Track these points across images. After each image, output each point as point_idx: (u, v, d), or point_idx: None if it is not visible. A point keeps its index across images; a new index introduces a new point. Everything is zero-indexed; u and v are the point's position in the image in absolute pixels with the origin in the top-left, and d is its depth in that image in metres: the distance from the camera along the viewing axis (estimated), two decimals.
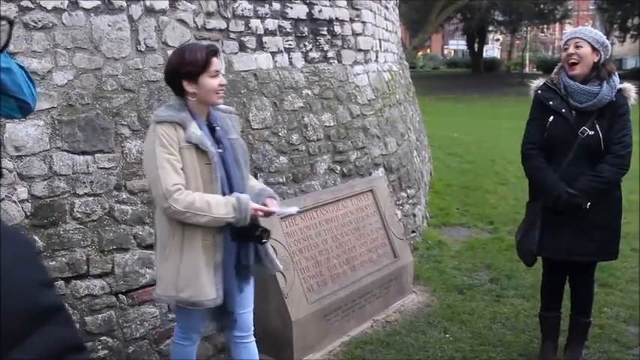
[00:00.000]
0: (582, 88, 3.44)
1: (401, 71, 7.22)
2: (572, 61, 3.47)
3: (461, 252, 5.84)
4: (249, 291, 2.97)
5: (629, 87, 3.51)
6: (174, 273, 2.71)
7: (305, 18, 4.95)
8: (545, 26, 42.33)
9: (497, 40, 53.10)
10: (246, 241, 2.80)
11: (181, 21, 3.97)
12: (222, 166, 2.71)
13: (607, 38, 3.62)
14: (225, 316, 2.88)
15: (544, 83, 3.62)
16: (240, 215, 2.63)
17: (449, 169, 9.08)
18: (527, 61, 46.64)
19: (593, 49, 3.45)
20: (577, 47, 3.46)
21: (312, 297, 3.95)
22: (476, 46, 41.56)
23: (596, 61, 3.47)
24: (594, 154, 3.45)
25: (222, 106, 2.90)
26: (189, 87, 2.67)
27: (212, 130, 2.76)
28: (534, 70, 43.47)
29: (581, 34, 3.49)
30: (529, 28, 44.52)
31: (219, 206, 2.61)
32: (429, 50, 54.94)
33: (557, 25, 41.55)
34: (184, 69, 2.65)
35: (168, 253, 2.73)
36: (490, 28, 42.52)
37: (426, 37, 29.76)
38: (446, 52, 59.25)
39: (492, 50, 51.07)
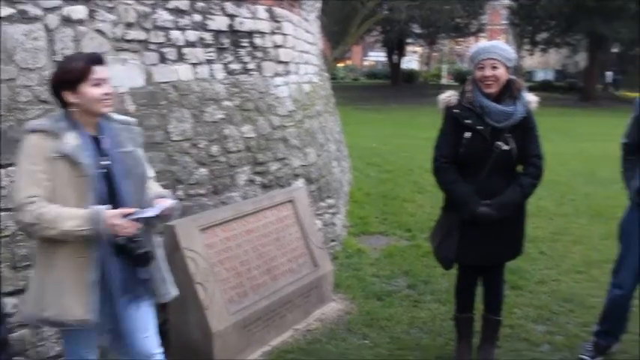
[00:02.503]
0: (499, 109, 3.57)
1: (321, 83, 7.33)
2: (489, 82, 3.59)
3: (380, 259, 5.99)
4: (147, 314, 2.81)
5: (532, 99, 3.70)
6: (39, 290, 2.57)
7: (226, 30, 4.99)
8: (462, 39, 43.71)
9: (416, 52, 54.41)
10: (130, 261, 2.64)
11: (99, 31, 3.94)
12: (103, 180, 2.58)
13: (518, 52, 3.79)
14: (117, 340, 2.74)
15: (459, 103, 3.71)
16: (95, 227, 2.46)
17: (368, 178, 9.27)
18: (444, 73, 48.07)
19: (507, 67, 3.62)
20: (493, 68, 3.57)
21: (233, 308, 3.97)
22: (395, 57, 42.51)
23: (508, 79, 3.64)
24: (508, 167, 3.64)
25: (120, 117, 2.81)
26: (69, 97, 2.57)
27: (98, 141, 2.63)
28: (451, 81, 44.82)
29: (497, 55, 3.58)
30: (446, 40, 45.91)
31: (70, 219, 2.46)
32: (349, 61, 55.68)
33: (473, 38, 43.04)
34: (63, 78, 2.57)
35: (35, 270, 2.62)
36: (409, 41, 43.56)
37: (346, 49, 30.22)
38: (366, 63, 60.22)
39: (411, 62, 52.26)
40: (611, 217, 4.13)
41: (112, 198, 2.60)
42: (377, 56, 56.28)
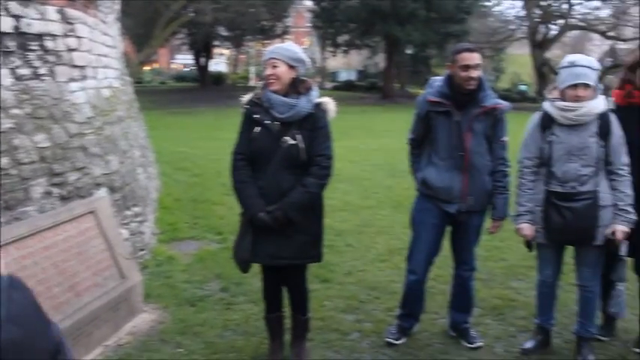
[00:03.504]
0: (281, 100, 3.70)
1: (123, 87, 7.08)
2: (270, 80, 3.74)
3: (191, 265, 5.92)
4: None
5: (328, 101, 3.85)
6: None
7: (12, 32, 4.64)
8: (268, 41, 44.55)
9: (223, 54, 54.45)
10: None
11: None
12: None
13: (322, 53, 3.95)
14: None
15: (251, 98, 3.84)
16: None
17: (177, 183, 9.12)
18: (252, 75, 48.60)
19: (290, 66, 3.75)
20: (274, 67, 3.73)
21: None
22: (202, 60, 42.21)
23: (293, 77, 3.77)
24: (296, 164, 3.71)
25: None
26: None
27: None
28: (259, 83, 45.22)
29: (278, 55, 3.74)
30: (252, 43, 46.45)
31: None
32: (156, 65, 54.32)
33: (279, 40, 43.98)
34: None
35: None
36: (216, 43, 43.48)
37: (152, 52, 29.54)
38: (174, 66, 59.13)
39: (219, 64, 52.21)
40: (410, 207, 4.45)
41: None
42: (184, 59, 55.49)
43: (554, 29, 40.00)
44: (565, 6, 38.73)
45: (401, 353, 4.31)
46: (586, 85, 3.85)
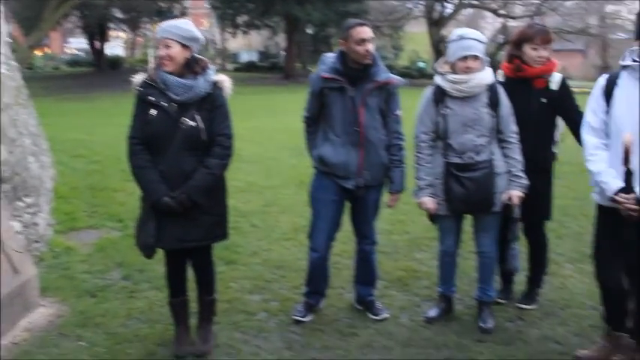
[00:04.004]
0: (178, 81, 3.61)
1: (10, 73, 6.68)
2: (164, 62, 3.62)
3: (91, 255, 5.71)
4: None
5: (224, 79, 3.79)
6: None
7: None
8: None
9: (119, 37, 52.63)
10: None
11: None
12: None
13: (222, 34, 3.86)
14: None
15: (144, 80, 3.71)
16: None
17: (74, 171, 8.75)
18: (151, 58, 47.27)
19: (183, 46, 3.65)
20: (167, 47, 3.62)
21: None
22: (98, 44, 40.62)
23: (188, 57, 3.67)
24: (197, 145, 3.65)
25: None
26: None
27: None
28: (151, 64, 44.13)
29: (171, 35, 3.63)
30: (150, 25, 45.10)
31: None
32: (48, 49, 51.85)
33: None
34: None
35: None
36: (111, 26, 41.91)
37: (42, 36, 28.04)
38: (67, 50, 56.64)
39: (115, 48, 50.39)
40: None
41: None
42: (79, 43, 53.21)
43: (449, 8, 41.05)
44: None
45: (309, 330, 4.33)
46: (475, 57, 4.00)
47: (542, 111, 4.33)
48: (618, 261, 3.64)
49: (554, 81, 4.33)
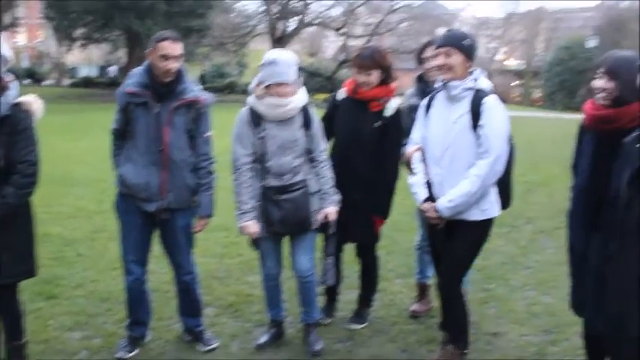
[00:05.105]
0: None
1: None
2: None
3: None
4: None
5: (31, 101, 3.50)
6: None
7: None
8: None
9: None
10: None
11: None
12: None
13: (59, 47, 3.56)
14: None
15: None
16: None
17: None
18: None
19: None
20: None
21: None
22: None
23: None
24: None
25: None
26: None
27: None
28: None
29: None
30: None
31: None
32: None
33: (8, 33, 39.98)
34: None
35: None
36: None
37: None
38: None
39: None
40: None
41: None
42: None
43: (292, 26, 41.90)
44: (301, 3, 40.74)
45: None
46: (287, 84, 4.00)
47: (374, 133, 4.42)
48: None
49: (390, 107, 4.45)
